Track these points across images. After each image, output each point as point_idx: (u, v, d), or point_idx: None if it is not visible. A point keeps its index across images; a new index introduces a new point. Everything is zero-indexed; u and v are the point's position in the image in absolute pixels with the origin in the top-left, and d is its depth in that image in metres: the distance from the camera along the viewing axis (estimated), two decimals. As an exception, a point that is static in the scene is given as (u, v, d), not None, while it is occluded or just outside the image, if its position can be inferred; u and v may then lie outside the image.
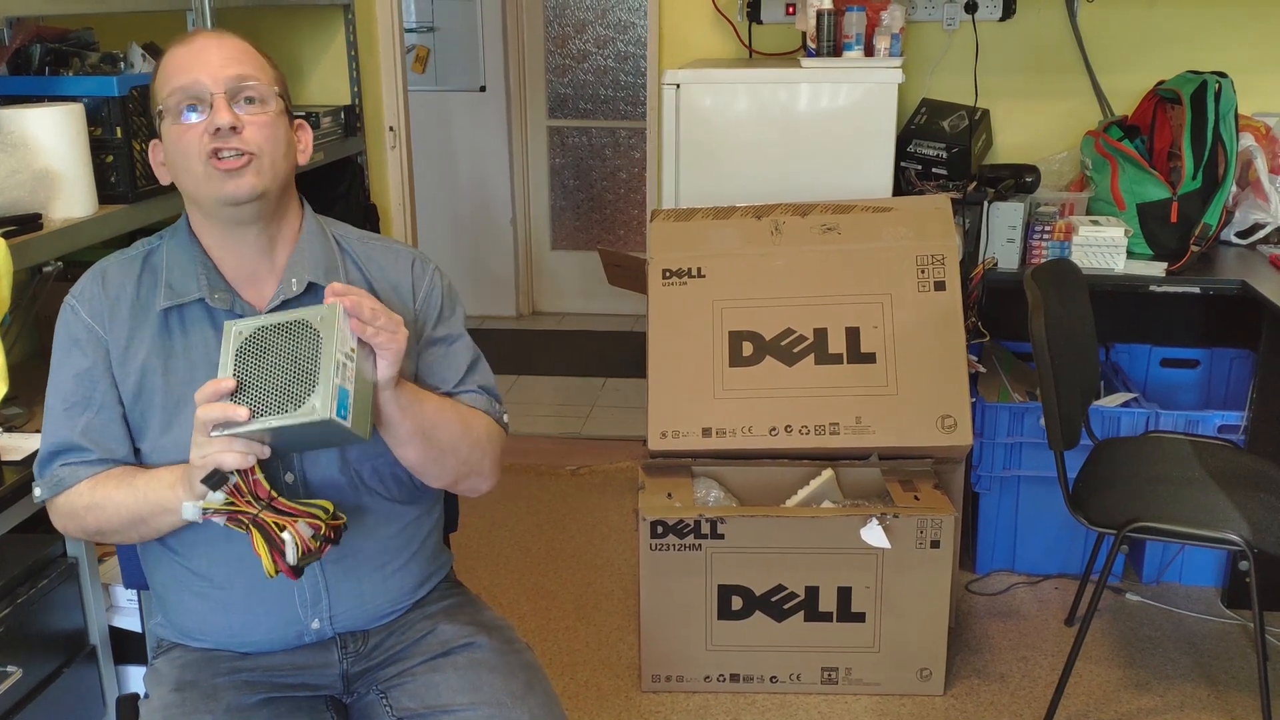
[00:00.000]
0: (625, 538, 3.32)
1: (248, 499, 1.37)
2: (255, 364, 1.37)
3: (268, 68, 1.53)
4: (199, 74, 1.46)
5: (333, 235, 1.63)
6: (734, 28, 3.45)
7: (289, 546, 1.37)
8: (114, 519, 1.49)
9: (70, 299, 1.56)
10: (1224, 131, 2.87)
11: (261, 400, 1.35)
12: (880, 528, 2.44)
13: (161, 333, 1.53)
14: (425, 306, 1.64)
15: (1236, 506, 2.29)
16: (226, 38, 1.51)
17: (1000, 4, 3.30)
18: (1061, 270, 2.59)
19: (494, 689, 1.56)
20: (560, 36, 5.39)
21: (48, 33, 2.43)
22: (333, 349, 1.35)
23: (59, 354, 1.55)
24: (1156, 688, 2.63)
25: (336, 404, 1.33)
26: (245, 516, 1.37)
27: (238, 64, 1.48)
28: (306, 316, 1.38)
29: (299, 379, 1.34)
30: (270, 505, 1.38)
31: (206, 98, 1.45)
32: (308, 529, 1.38)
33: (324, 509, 1.41)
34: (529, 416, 4.36)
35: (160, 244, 1.59)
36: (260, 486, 1.38)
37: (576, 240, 5.66)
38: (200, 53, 1.47)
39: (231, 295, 1.54)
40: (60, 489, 1.52)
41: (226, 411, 1.33)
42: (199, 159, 1.46)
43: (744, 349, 2.66)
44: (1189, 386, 3.27)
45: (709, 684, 2.60)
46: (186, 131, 1.46)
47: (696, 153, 2.95)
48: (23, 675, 1.84)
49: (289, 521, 1.38)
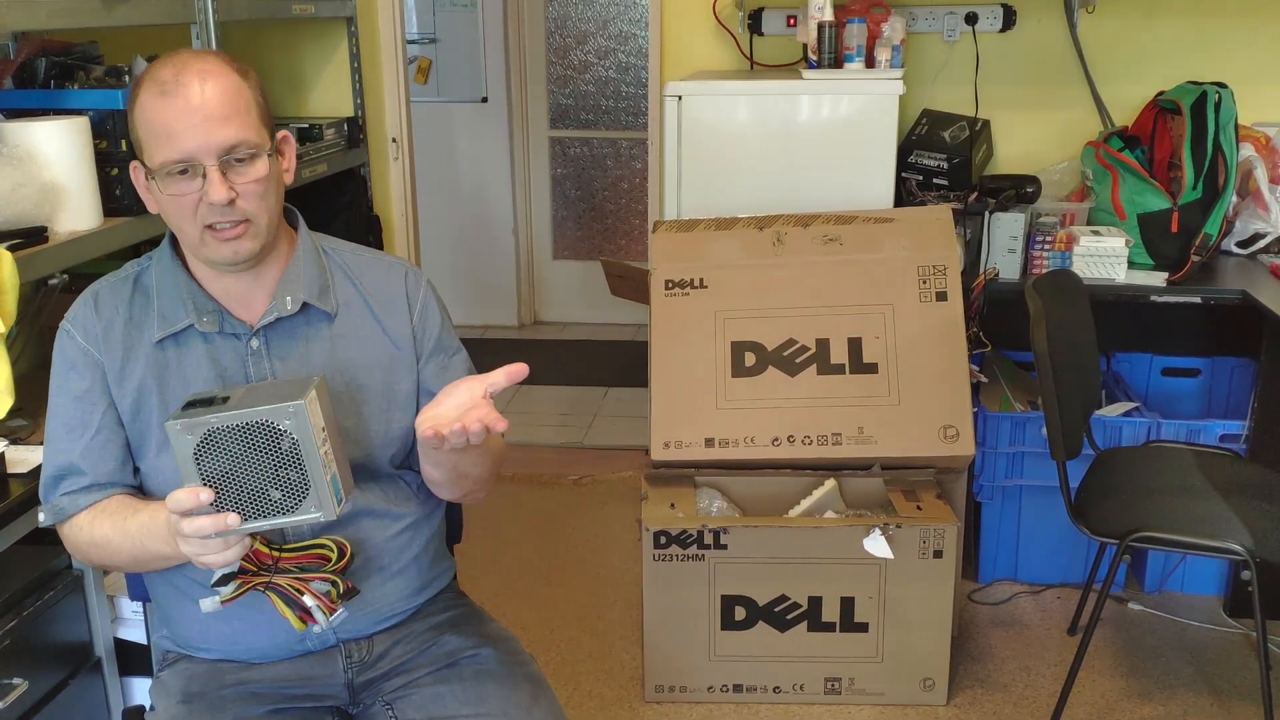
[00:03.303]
0: (628, 548, 3.32)
1: (260, 571, 1.37)
2: (221, 464, 1.30)
3: (252, 106, 1.48)
4: (189, 144, 1.41)
5: (324, 251, 1.64)
6: (735, 39, 3.46)
7: (317, 614, 1.38)
8: (116, 559, 1.53)
9: (65, 324, 1.57)
10: (1224, 142, 2.88)
11: (245, 503, 1.30)
12: (883, 538, 2.44)
13: (156, 352, 1.55)
14: (423, 320, 1.65)
15: (1238, 516, 2.29)
16: (209, 82, 1.43)
17: (1000, 15, 3.32)
18: (1062, 280, 2.60)
19: (499, 700, 1.56)
20: (562, 48, 5.41)
21: (53, 46, 2.44)
22: (309, 442, 1.30)
23: (57, 379, 1.56)
24: (1159, 697, 2.63)
25: (334, 501, 1.32)
26: (260, 587, 1.38)
27: (226, 125, 1.43)
28: (270, 419, 1.30)
29: (287, 480, 1.30)
30: (277, 566, 1.37)
31: (199, 168, 1.43)
32: (323, 585, 1.38)
33: (328, 549, 1.40)
34: (531, 426, 4.36)
35: (149, 264, 1.60)
36: (261, 555, 1.37)
37: (578, 250, 5.67)
38: (186, 114, 1.41)
39: (220, 315, 1.55)
40: (61, 518, 1.55)
41: (217, 524, 1.30)
42: (194, 226, 1.46)
43: (746, 359, 2.67)
44: (1190, 396, 3.28)
45: (712, 694, 2.60)
46: (179, 199, 1.45)
47: (698, 164, 2.96)
48: (28, 687, 1.84)
49: (304, 586, 1.37)
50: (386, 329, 1.63)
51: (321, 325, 1.59)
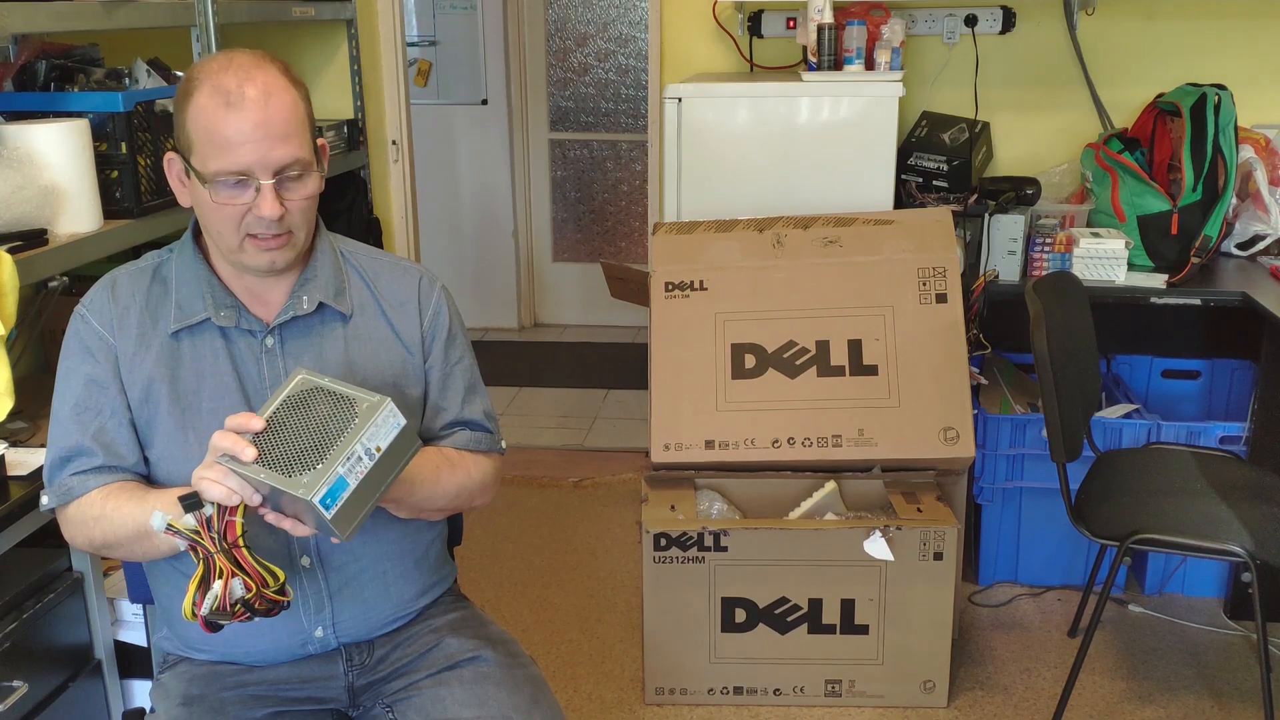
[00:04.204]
0: (628, 550, 3.32)
1: (213, 535, 1.35)
2: (293, 416, 1.37)
3: (306, 122, 1.49)
4: (248, 159, 1.43)
5: (341, 253, 1.65)
6: (735, 41, 3.46)
7: (209, 596, 1.35)
8: (119, 531, 1.49)
9: (81, 308, 1.57)
10: (1224, 144, 2.88)
11: (273, 452, 1.34)
12: (883, 540, 2.44)
13: (170, 343, 1.55)
14: (432, 326, 1.66)
15: (1238, 518, 2.29)
16: (274, 98, 1.44)
17: (1000, 18, 3.32)
18: (1062, 282, 2.60)
19: (500, 703, 1.56)
20: (561, 50, 5.41)
21: (53, 49, 2.44)
22: (357, 439, 1.34)
23: (69, 361, 1.56)
24: (1160, 699, 2.63)
25: (326, 491, 1.31)
26: (201, 550, 1.36)
27: (285, 143, 1.44)
28: (359, 396, 1.37)
29: (312, 450, 1.34)
30: (229, 551, 1.35)
31: (253, 180, 1.44)
32: (240, 589, 1.36)
33: (274, 577, 1.38)
34: (531, 428, 4.36)
35: (170, 256, 1.61)
36: (232, 529, 1.35)
37: (578, 252, 5.67)
38: (254, 129, 1.42)
39: (238, 311, 1.56)
40: (69, 498, 1.53)
41: (236, 445, 1.33)
42: (235, 233, 1.48)
43: (746, 361, 2.67)
44: (1190, 397, 3.28)
45: (712, 697, 2.60)
46: (226, 205, 1.46)
47: (698, 166, 2.96)
48: (28, 690, 1.84)
49: (229, 573, 1.35)
50: (399, 333, 1.64)
51: (336, 326, 1.60)
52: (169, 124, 2.16)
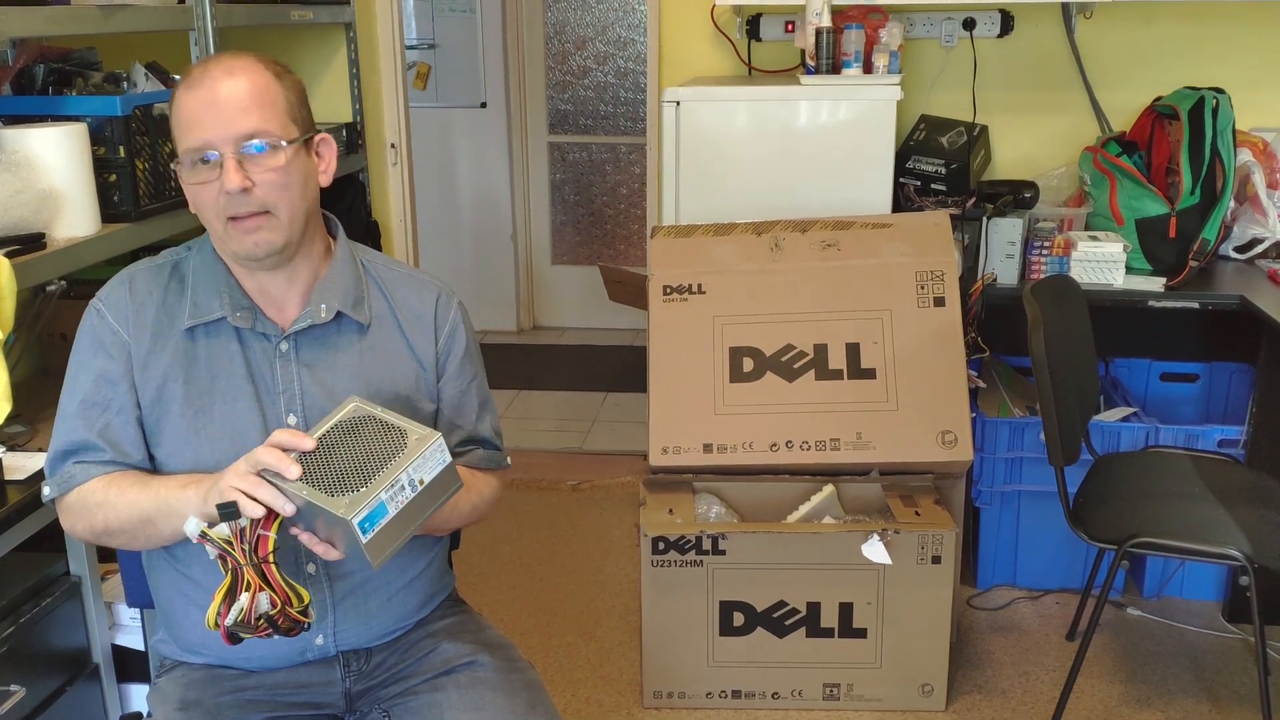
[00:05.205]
0: (626, 553, 3.32)
1: (244, 548, 1.35)
2: (342, 441, 1.38)
3: (279, 101, 1.49)
4: (208, 133, 1.44)
5: (361, 262, 1.64)
6: (733, 45, 3.46)
7: (234, 608, 1.35)
8: (123, 516, 1.48)
9: (96, 302, 1.57)
10: (1222, 147, 2.88)
11: (316, 472, 1.35)
12: (881, 543, 2.44)
13: (185, 340, 1.55)
14: (449, 344, 1.66)
15: (1237, 521, 2.29)
16: (237, 78, 1.46)
17: (998, 21, 3.32)
18: (1061, 285, 2.60)
19: (496, 708, 1.56)
20: (560, 53, 5.41)
21: (51, 53, 2.44)
22: (404, 468, 1.35)
23: (81, 355, 1.56)
24: (1158, 702, 2.63)
25: (366, 514, 1.32)
26: (231, 561, 1.36)
27: (246, 115, 1.45)
28: (410, 428, 1.40)
29: (357, 474, 1.35)
30: (258, 565, 1.36)
31: (216, 157, 1.45)
32: (266, 604, 1.36)
33: (299, 598, 1.39)
34: (529, 431, 4.36)
35: (189, 254, 1.60)
36: (264, 544, 1.35)
37: (577, 255, 5.67)
38: (209, 105, 1.44)
39: (254, 314, 1.56)
40: (71, 485, 1.52)
41: (283, 462, 1.34)
42: (217, 219, 1.48)
43: (744, 365, 2.67)
44: (1188, 401, 3.28)
45: (710, 700, 2.60)
46: (202, 189, 1.47)
47: (697, 169, 2.96)
48: (25, 694, 1.84)
49: (257, 588, 1.35)
50: (413, 347, 1.63)
51: (352, 336, 1.60)
52: (167, 128, 2.15)
